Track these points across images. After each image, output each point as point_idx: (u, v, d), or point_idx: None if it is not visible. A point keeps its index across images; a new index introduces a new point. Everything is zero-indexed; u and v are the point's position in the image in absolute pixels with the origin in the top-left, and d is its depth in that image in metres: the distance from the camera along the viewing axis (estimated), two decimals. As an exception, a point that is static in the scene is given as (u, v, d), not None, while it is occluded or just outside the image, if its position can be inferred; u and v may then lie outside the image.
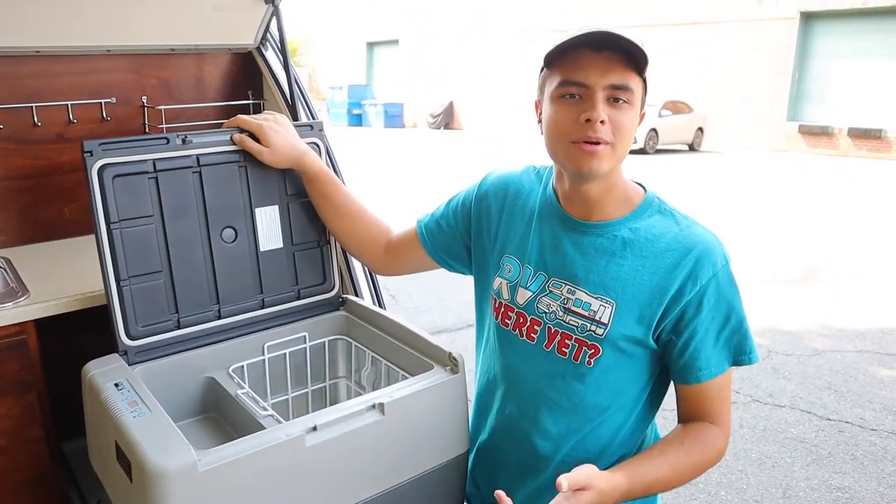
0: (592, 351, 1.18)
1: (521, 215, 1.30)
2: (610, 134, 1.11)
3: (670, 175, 11.97)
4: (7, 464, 1.52)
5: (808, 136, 16.49)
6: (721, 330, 1.16)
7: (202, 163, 1.39)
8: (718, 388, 1.19)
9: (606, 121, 1.10)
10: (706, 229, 1.19)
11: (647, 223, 1.19)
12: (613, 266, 1.18)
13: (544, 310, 1.23)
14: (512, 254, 1.29)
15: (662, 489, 1.20)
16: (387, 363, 1.46)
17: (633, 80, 1.11)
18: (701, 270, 1.14)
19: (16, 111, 1.83)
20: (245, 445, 1.07)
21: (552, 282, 1.23)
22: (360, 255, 1.54)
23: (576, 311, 1.19)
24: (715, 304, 1.15)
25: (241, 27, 2.06)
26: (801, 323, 5.05)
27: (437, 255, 1.43)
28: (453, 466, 1.33)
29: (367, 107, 23.69)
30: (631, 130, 1.13)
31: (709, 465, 1.21)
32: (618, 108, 1.11)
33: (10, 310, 1.46)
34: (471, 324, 2.05)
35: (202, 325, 1.42)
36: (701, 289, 1.14)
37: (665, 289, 1.14)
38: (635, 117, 1.14)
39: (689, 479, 1.21)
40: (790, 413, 3.68)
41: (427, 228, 1.43)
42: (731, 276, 1.17)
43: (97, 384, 1.22)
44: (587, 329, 1.18)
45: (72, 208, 1.96)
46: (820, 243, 7.48)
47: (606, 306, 1.17)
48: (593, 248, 1.20)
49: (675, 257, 1.15)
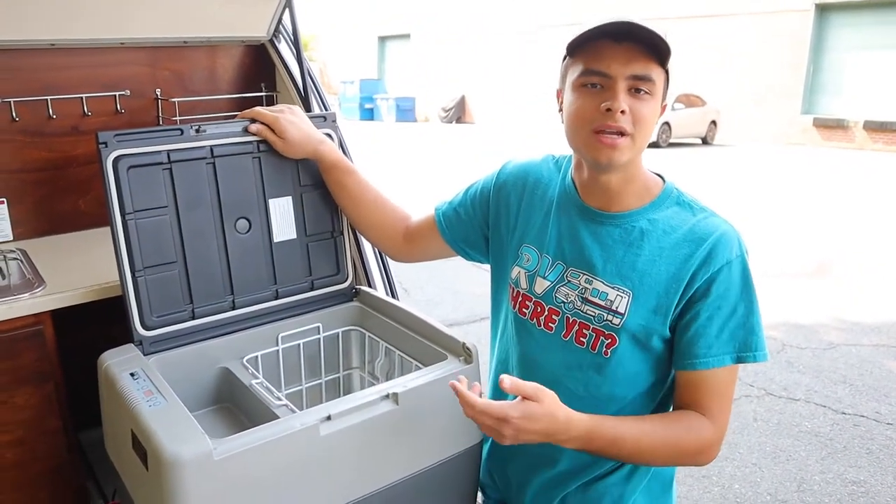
0: (609, 341, 1.18)
1: (540, 205, 1.30)
2: (630, 124, 1.10)
3: (683, 169, 11.90)
4: (26, 454, 1.53)
5: (822, 129, 16.33)
6: (727, 321, 1.14)
7: (216, 154, 1.40)
8: (717, 382, 1.15)
9: (627, 111, 1.09)
10: (724, 220, 1.18)
11: (664, 214, 1.19)
12: (630, 256, 1.17)
13: (562, 299, 1.23)
14: (530, 243, 1.29)
15: (628, 455, 1.15)
16: (400, 353, 1.47)
17: (655, 71, 1.11)
18: (714, 258, 1.13)
19: (31, 104, 1.84)
20: (260, 434, 1.07)
21: (570, 271, 1.23)
22: (379, 242, 1.54)
23: (593, 300, 1.19)
24: (724, 292, 1.13)
25: (254, 20, 2.06)
26: (815, 316, 5.02)
27: (455, 243, 1.43)
28: (467, 456, 1.33)
29: (379, 101, 23.66)
30: (651, 121, 1.13)
31: (688, 453, 1.15)
32: (639, 99, 1.10)
33: (27, 301, 1.47)
34: (483, 317, 2.05)
35: (216, 316, 1.43)
36: (712, 275, 1.13)
37: (681, 279, 1.14)
38: (656, 108, 1.14)
39: (661, 458, 1.17)
40: (805, 407, 3.66)
41: (445, 216, 1.43)
42: (746, 270, 1.15)
43: (113, 374, 1.23)
44: (604, 319, 1.18)
45: (86, 200, 1.97)
46: (834, 236, 7.42)
47: (623, 296, 1.16)
48: (611, 239, 1.20)
49: (692, 248, 1.14)
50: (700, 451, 1.16)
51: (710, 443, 1.15)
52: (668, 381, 1.23)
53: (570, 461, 1.26)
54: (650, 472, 1.27)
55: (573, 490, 1.28)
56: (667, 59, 1.11)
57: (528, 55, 20.41)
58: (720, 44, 17.46)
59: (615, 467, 1.25)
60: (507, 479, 1.39)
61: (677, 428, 1.15)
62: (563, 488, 1.28)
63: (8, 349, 1.46)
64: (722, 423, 1.16)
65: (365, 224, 1.52)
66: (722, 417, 1.16)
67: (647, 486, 1.27)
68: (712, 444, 1.16)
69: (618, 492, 1.26)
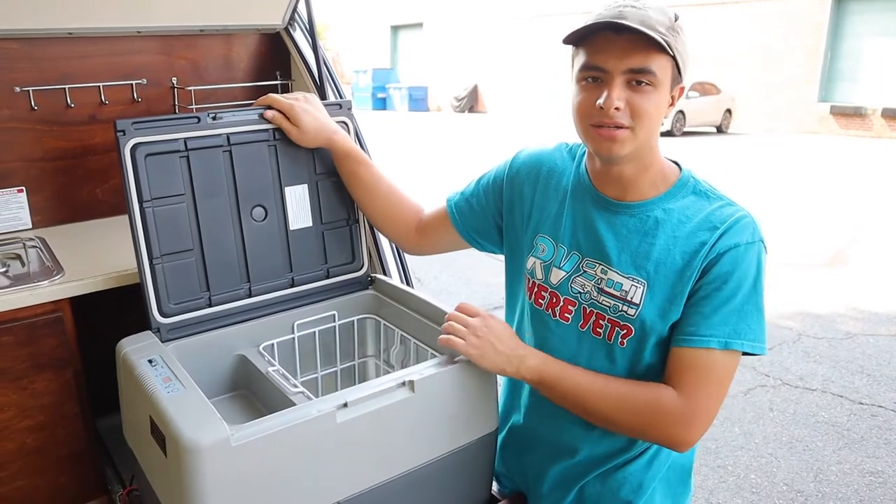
0: (625, 331, 1.17)
1: (555, 194, 1.29)
2: (628, 118, 1.09)
3: (697, 157, 11.80)
4: (46, 439, 1.55)
5: (840, 117, 16.14)
6: (723, 304, 1.10)
7: (232, 142, 1.40)
8: (700, 363, 1.10)
9: (622, 106, 1.08)
10: (741, 209, 1.16)
11: (680, 203, 1.17)
12: (645, 246, 1.16)
13: (578, 290, 1.22)
14: (546, 233, 1.28)
15: (575, 397, 1.15)
16: (416, 342, 1.47)
17: (656, 62, 1.08)
18: (723, 240, 1.11)
19: (50, 93, 1.85)
20: (277, 421, 1.08)
21: (586, 262, 1.22)
22: (391, 233, 1.54)
23: (608, 291, 1.18)
24: (725, 273, 1.10)
25: (270, 8, 2.06)
26: (831, 306, 4.97)
27: (468, 234, 1.42)
28: (482, 445, 1.33)
29: (392, 90, 23.63)
30: (654, 113, 1.11)
31: (647, 420, 1.12)
32: (639, 92, 1.09)
33: (47, 288, 1.49)
34: (497, 306, 2.04)
35: (233, 304, 1.43)
36: (717, 255, 1.11)
37: (694, 266, 1.12)
38: (659, 99, 1.11)
39: (615, 415, 1.13)
40: (821, 397, 3.64)
41: (457, 207, 1.42)
42: (756, 258, 1.11)
43: (131, 360, 1.24)
44: (619, 309, 1.17)
45: (104, 189, 1.98)
46: (851, 226, 7.34)
47: (638, 286, 1.16)
48: (626, 229, 1.19)
49: (706, 235, 1.13)
50: (655, 417, 1.11)
51: (672, 415, 1.10)
52: None
53: (590, 450, 1.26)
54: (669, 460, 1.26)
55: (592, 479, 1.28)
56: (672, 49, 1.07)
57: (542, 44, 20.27)
58: (736, 31, 17.27)
59: (634, 455, 1.25)
60: (524, 468, 1.39)
61: (641, 390, 1.13)
62: (582, 478, 1.28)
63: (28, 335, 1.47)
64: (695, 405, 1.10)
65: (378, 215, 1.51)
66: (697, 399, 1.10)
67: (665, 476, 1.27)
68: (675, 418, 1.11)
69: (636, 480, 1.25)
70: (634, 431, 1.16)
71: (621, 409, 1.13)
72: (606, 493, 1.27)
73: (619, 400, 1.13)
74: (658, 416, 1.11)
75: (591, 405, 1.15)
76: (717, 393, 1.12)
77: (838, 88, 16.46)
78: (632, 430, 1.16)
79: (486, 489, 1.40)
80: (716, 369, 1.11)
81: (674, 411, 1.11)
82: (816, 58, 16.38)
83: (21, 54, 1.80)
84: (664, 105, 1.12)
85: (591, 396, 1.14)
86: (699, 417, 1.11)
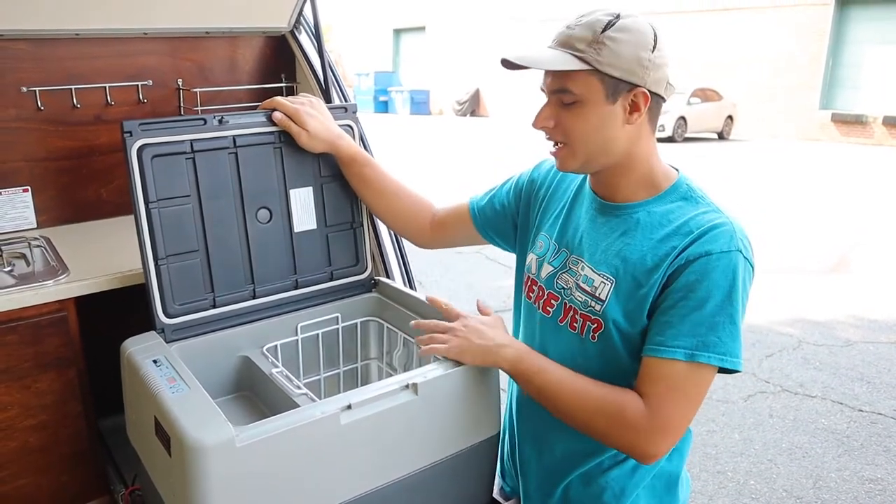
0: (595, 325, 1.18)
1: (562, 196, 1.34)
2: (561, 135, 1.16)
3: (698, 163, 11.82)
4: (48, 438, 1.55)
5: (841, 124, 16.15)
6: (690, 314, 1.06)
7: (238, 144, 1.41)
8: (667, 373, 1.08)
9: (550, 125, 1.17)
10: (727, 217, 1.12)
11: (666, 208, 1.17)
12: (619, 244, 1.18)
13: (563, 285, 1.25)
14: (546, 231, 1.33)
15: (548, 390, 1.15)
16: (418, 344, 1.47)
17: (574, 81, 1.11)
18: (693, 246, 1.08)
19: (56, 93, 1.86)
20: (282, 422, 1.08)
21: (571, 259, 1.25)
22: (405, 230, 1.56)
23: (583, 287, 1.20)
24: (693, 282, 1.07)
25: (275, 11, 2.07)
26: (832, 313, 4.97)
27: (485, 232, 1.47)
28: (485, 448, 1.34)
29: (394, 94, 23.66)
30: (586, 128, 1.13)
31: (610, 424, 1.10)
32: (567, 110, 1.15)
33: (52, 287, 1.49)
34: (497, 310, 2.05)
35: (237, 305, 1.44)
36: (686, 262, 1.08)
37: (662, 269, 1.10)
38: (593, 113, 1.12)
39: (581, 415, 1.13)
40: (821, 404, 3.64)
41: (479, 207, 1.47)
42: (730, 268, 1.07)
43: (136, 361, 1.24)
44: (588, 304, 1.19)
45: (109, 189, 1.99)
46: (852, 233, 7.34)
47: (607, 283, 1.17)
48: (607, 227, 1.21)
49: (679, 240, 1.11)
50: (618, 422, 1.09)
51: (634, 423, 1.08)
52: None
53: (567, 447, 1.26)
54: (655, 468, 1.25)
55: (575, 481, 1.28)
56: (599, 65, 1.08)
57: (544, 48, 20.27)
58: (738, 37, 17.29)
59: (617, 460, 1.24)
60: (518, 466, 1.40)
61: (603, 388, 1.13)
62: (564, 477, 1.28)
63: (32, 335, 1.48)
64: (659, 416, 1.07)
65: (390, 214, 1.54)
66: (661, 411, 1.07)
67: (650, 484, 1.26)
68: (637, 428, 1.08)
69: (619, 486, 1.25)
70: (598, 434, 1.14)
71: (587, 410, 1.13)
72: (588, 497, 1.27)
73: (586, 400, 1.13)
74: (621, 422, 1.09)
75: (562, 403, 1.15)
76: (684, 406, 1.09)
77: (840, 96, 16.48)
78: (597, 433, 1.14)
79: (487, 492, 1.41)
80: (683, 382, 1.08)
81: (637, 420, 1.08)
82: (818, 65, 16.40)
83: (28, 55, 1.81)
84: (607, 118, 1.12)
85: (562, 394, 1.15)
86: (663, 429, 1.08)
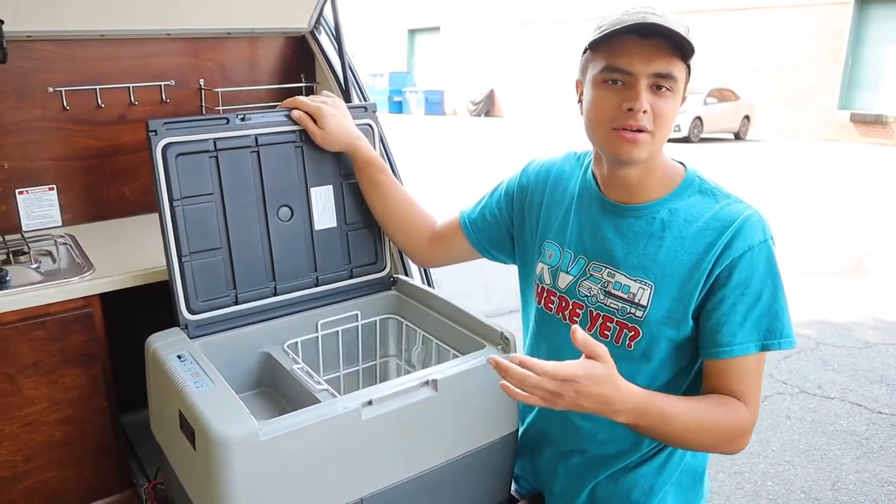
0: (633, 333, 1.18)
1: (561, 200, 1.32)
2: (651, 122, 1.11)
3: (714, 164, 11.74)
4: (73, 432, 1.58)
5: (860, 124, 15.98)
6: (751, 308, 1.12)
7: (260, 142, 1.43)
8: (746, 369, 1.13)
9: (648, 110, 1.10)
10: (749, 206, 1.16)
11: (686, 203, 1.18)
12: (652, 248, 1.18)
13: (585, 293, 1.24)
14: (553, 239, 1.31)
15: (673, 433, 1.10)
16: (437, 342, 1.48)
17: (678, 68, 1.10)
18: (735, 243, 1.12)
19: (81, 93, 1.89)
20: (304, 417, 1.10)
21: (592, 265, 1.24)
22: (404, 243, 1.56)
23: (616, 293, 1.19)
24: (746, 278, 1.11)
25: (296, 11, 2.09)
26: (850, 315, 4.93)
27: (481, 246, 1.45)
28: (503, 445, 1.35)
29: (408, 94, 23.68)
30: (672, 118, 1.13)
31: (728, 435, 1.13)
32: (660, 96, 1.11)
33: (77, 284, 1.52)
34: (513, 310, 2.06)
35: (259, 302, 1.46)
36: (733, 261, 1.12)
37: (703, 268, 1.13)
38: (677, 104, 1.13)
39: (704, 439, 1.13)
40: (840, 405, 3.61)
41: (471, 220, 1.45)
42: (770, 256, 1.13)
43: (161, 356, 1.26)
44: (627, 312, 1.18)
45: (132, 187, 2.02)
46: (870, 234, 7.27)
47: (645, 289, 1.17)
48: (632, 231, 1.20)
49: (714, 235, 1.13)
50: (738, 435, 1.14)
51: (747, 427, 1.14)
52: (693, 369, 1.22)
53: (598, 448, 1.27)
54: (681, 464, 1.27)
55: (603, 480, 1.29)
56: (690, 56, 1.10)
57: (559, 49, 20.24)
58: (755, 37, 17.16)
59: (645, 458, 1.25)
60: (538, 468, 1.41)
61: (719, 410, 1.13)
62: (593, 477, 1.29)
63: (59, 331, 1.51)
64: (755, 407, 1.16)
65: (392, 224, 1.54)
66: (754, 402, 1.16)
67: (677, 480, 1.28)
68: (748, 428, 1.15)
69: (648, 483, 1.26)
70: (712, 449, 1.20)
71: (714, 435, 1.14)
72: (618, 495, 1.28)
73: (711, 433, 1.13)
74: (740, 434, 1.14)
75: (685, 441, 1.14)
76: (759, 387, 1.18)
77: (859, 96, 16.30)
78: (713, 450, 1.20)
79: (505, 489, 1.42)
80: (758, 370, 1.15)
81: (748, 421, 1.14)
82: (837, 65, 16.23)
83: (55, 55, 1.84)
84: (678, 110, 1.15)
85: (687, 434, 1.11)
86: (756, 416, 1.17)
